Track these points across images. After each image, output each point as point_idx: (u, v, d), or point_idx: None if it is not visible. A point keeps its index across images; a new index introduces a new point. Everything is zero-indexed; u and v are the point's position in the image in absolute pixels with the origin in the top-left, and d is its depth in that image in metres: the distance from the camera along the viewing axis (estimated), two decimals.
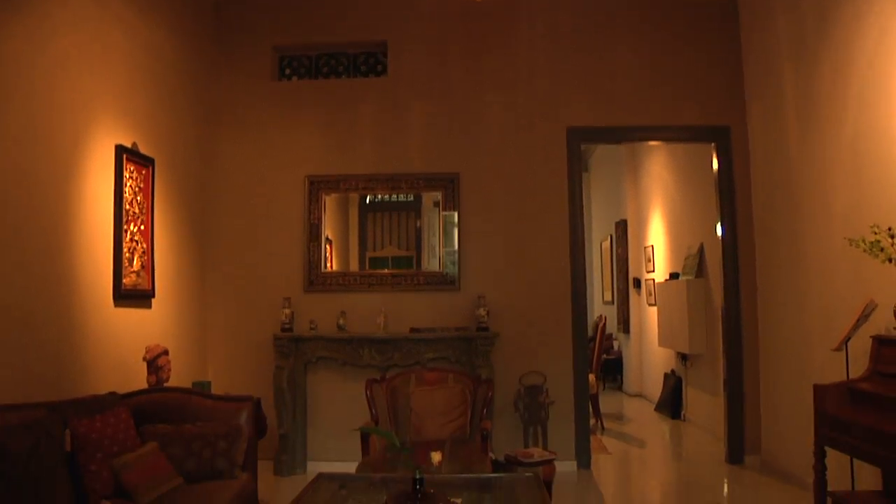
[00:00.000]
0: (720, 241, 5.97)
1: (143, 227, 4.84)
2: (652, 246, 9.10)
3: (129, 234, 4.63)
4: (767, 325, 5.65)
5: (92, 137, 4.29)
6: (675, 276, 7.78)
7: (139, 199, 4.79)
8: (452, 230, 5.95)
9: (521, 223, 5.95)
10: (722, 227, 5.95)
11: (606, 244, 11.20)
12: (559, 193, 5.96)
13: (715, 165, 6.04)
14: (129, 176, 4.64)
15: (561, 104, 6.01)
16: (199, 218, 5.89)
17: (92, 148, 4.28)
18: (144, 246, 4.85)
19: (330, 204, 6.11)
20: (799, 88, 5.02)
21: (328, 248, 6.08)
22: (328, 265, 6.06)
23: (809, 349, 4.85)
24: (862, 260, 3.87)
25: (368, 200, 6.23)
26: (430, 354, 5.67)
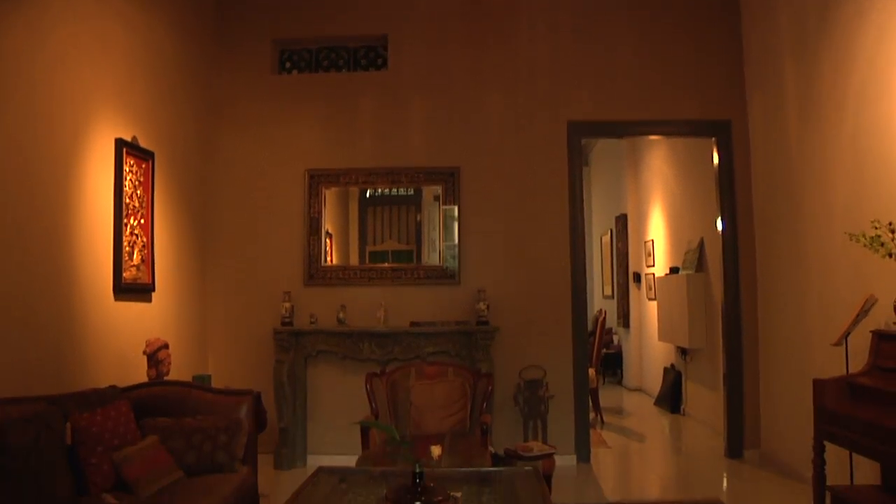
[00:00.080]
0: (720, 235, 5.97)
1: (143, 220, 4.84)
2: (652, 240, 9.09)
3: (129, 227, 4.63)
4: (767, 319, 5.65)
5: (92, 131, 4.28)
6: (675, 270, 7.78)
7: (139, 192, 4.79)
8: (452, 224, 5.95)
9: (521, 217, 5.94)
10: (722, 221, 5.95)
11: (606, 238, 11.20)
12: (559, 188, 5.95)
13: (715, 160, 6.03)
14: (129, 170, 4.64)
15: (561, 98, 6.00)
16: (199, 211, 5.89)
17: (92, 141, 4.28)
18: (144, 240, 4.85)
19: (330, 198, 6.11)
20: (800, 83, 5.01)
21: (328, 241, 6.08)
22: (328, 259, 6.06)
23: (809, 344, 4.85)
24: (862, 255, 3.87)
25: (368, 194, 6.23)
26: (430, 348, 5.68)
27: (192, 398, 4.03)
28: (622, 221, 10.16)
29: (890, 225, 3.55)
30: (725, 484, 5.37)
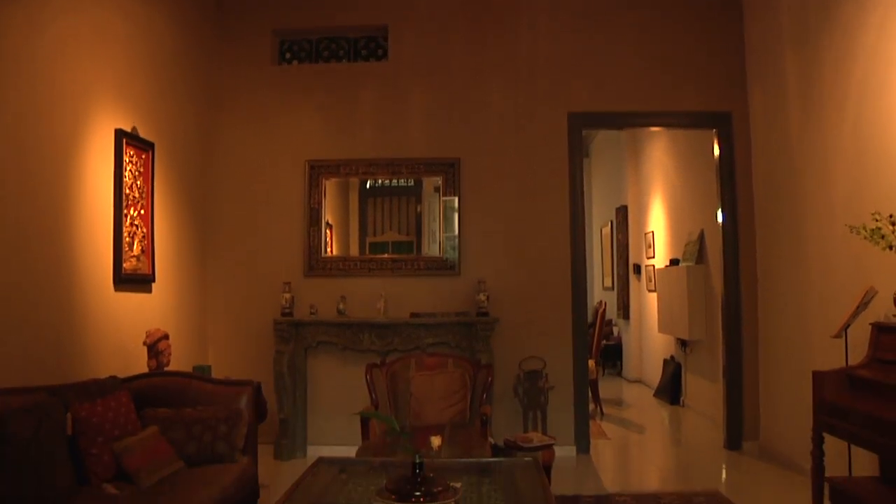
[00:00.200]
0: (720, 227, 5.96)
1: (143, 211, 4.83)
2: (652, 232, 9.09)
3: (129, 218, 4.62)
4: (767, 311, 5.65)
5: (92, 121, 4.27)
6: (675, 262, 7.78)
7: (139, 183, 4.78)
8: (453, 215, 5.94)
9: (521, 209, 5.93)
10: (722, 213, 5.95)
11: (607, 230, 11.19)
12: (560, 179, 5.94)
13: (716, 151, 6.02)
14: (128, 160, 4.63)
15: (562, 90, 5.99)
16: (199, 202, 5.88)
17: (92, 132, 4.27)
18: (144, 230, 4.85)
19: (330, 189, 6.10)
20: (801, 75, 4.99)
21: (328, 232, 6.08)
22: (328, 250, 6.06)
23: (809, 336, 4.86)
24: (862, 247, 3.87)
25: (369, 185, 6.22)
26: (430, 339, 5.68)
27: (192, 389, 4.03)
28: (622, 213, 10.16)
29: (890, 217, 3.54)
30: (724, 475, 5.39)
